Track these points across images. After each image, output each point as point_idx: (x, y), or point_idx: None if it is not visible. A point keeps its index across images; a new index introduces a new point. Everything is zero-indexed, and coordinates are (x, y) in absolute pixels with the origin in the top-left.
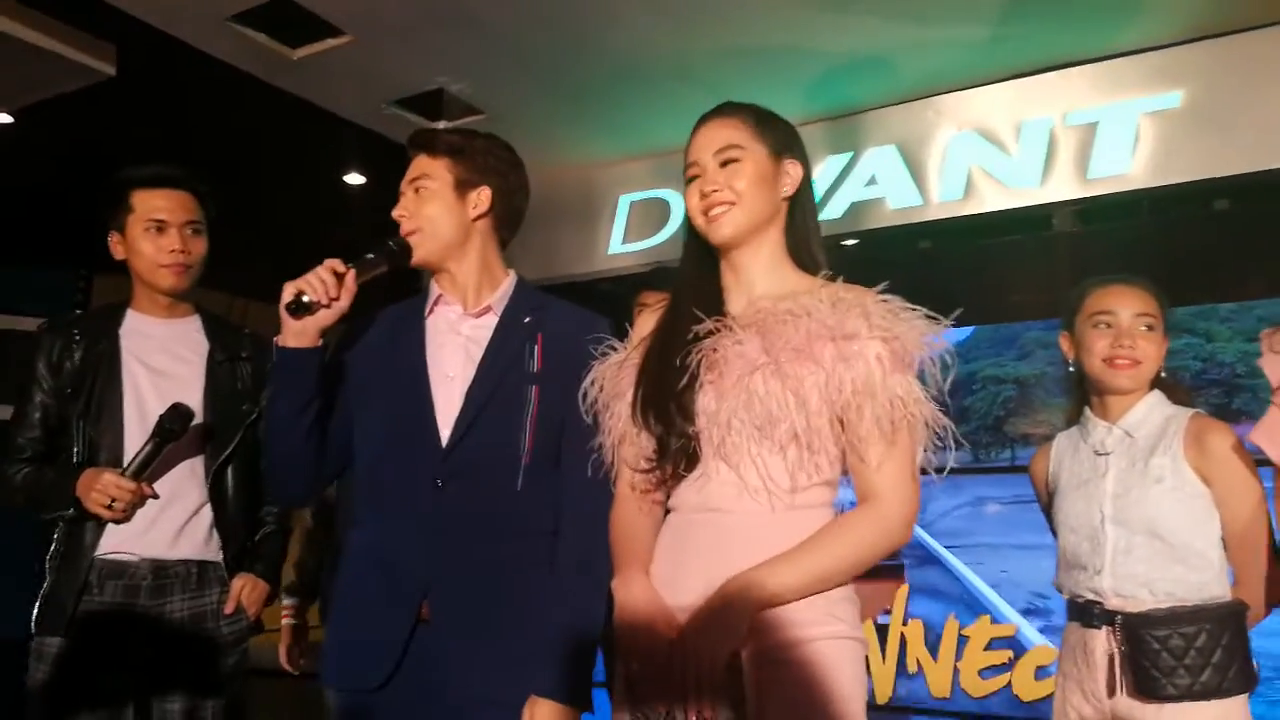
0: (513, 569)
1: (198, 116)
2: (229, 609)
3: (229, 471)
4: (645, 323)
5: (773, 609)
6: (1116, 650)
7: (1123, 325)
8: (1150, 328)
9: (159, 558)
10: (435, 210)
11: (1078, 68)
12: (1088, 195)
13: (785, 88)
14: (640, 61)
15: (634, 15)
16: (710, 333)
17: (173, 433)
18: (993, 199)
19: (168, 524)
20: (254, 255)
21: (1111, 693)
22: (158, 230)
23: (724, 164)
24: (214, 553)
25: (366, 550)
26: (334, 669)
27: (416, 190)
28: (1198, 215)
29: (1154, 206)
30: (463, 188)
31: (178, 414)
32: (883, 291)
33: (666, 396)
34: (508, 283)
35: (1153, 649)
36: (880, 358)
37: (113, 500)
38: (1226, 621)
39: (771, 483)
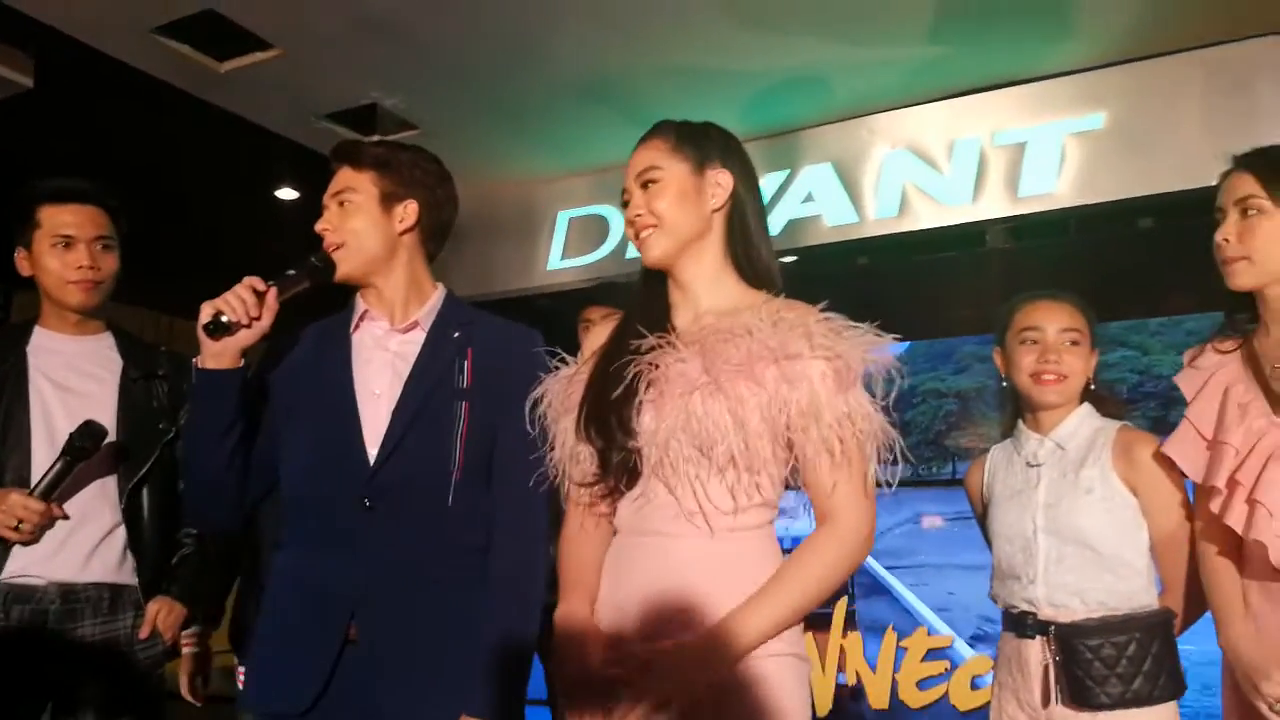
0: (444, 587)
1: (121, 130)
2: (144, 633)
3: (144, 492)
4: (596, 338)
5: None
6: (1051, 660)
7: (1048, 341)
8: (1075, 342)
9: (68, 581)
10: (360, 224)
11: (1006, 89)
12: (1018, 213)
13: (723, 105)
14: (579, 78)
15: (572, 32)
16: (653, 348)
17: (84, 450)
18: (927, 216)
19: (78, 546)
20: (182, 272)
21: (1046, 702)
22: (65, 246)
23: (644, 185)
24: (128, 576)
25: (292, 572)
26: (257, 692)
27: (341, 204)
28: (1124, 233)
29: (1081, 224)
30: (389, 201)
31: (89, 431)
32: (824, 309)
33: (607, 411)
34: (436, 297)
35: (1085, 658)
36: (825, 376)
37: (19, 522)
38: (1156, 630)
39: (709, 505)
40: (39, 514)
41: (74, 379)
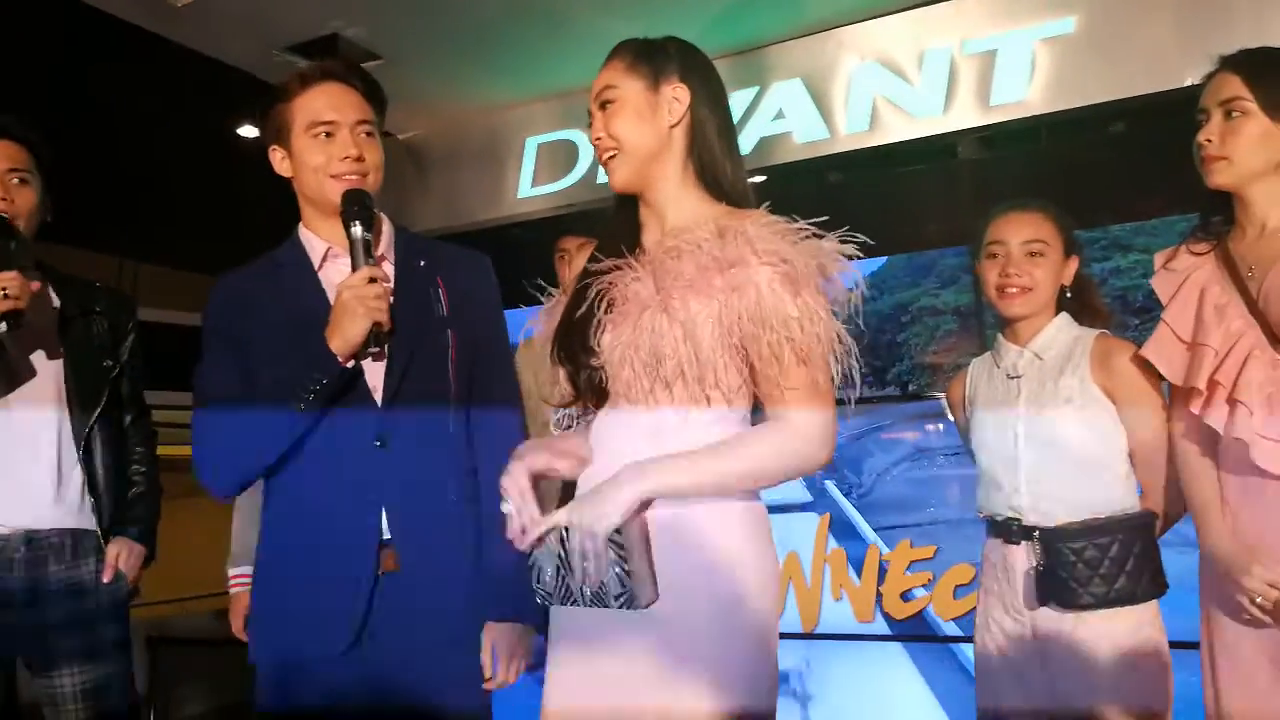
0: (458, 511)
1: (75, 69)
2: (107, 576)
3: (97, 433)
4: (577, 267)
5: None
6: (1036, 563)
7: (1011, 254)
8: (1038, 253)
9: (33, 528)
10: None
11: None
12: (990, 122)
13: (689, 23)
14: (539, 1)
15: None
16: (613, 269)
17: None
18: (898, 129)
19: (40, 491)
20: (144, 216)
21: (1031, 605)
22: None
23: (602, 106)
24: (87, 520)
25: (300, 516)
26: (284, 639)
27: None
28: (1096, 138)
29: (1053, 132)
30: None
31: None
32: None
33: (572, 333)
34: (388, 228)
35: (1069, 560)
36: (771, 282)
37: (4, 289)
38: (1138, 531)
39: (662, 420)
40: (14, 279)
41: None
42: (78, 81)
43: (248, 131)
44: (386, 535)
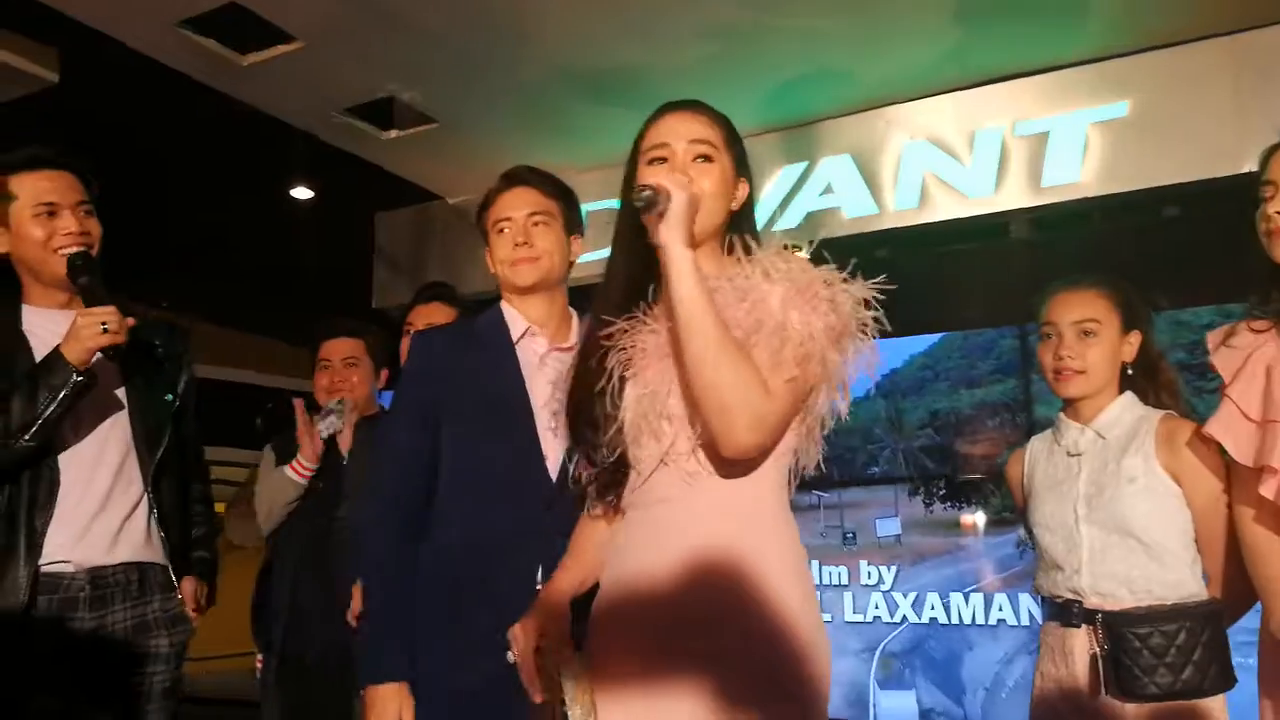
0: None
1: (144, 124)
2: (191, 612)
3: (164, 468)
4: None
5: None
6: (1098, 649)
7: (1063, 335)
8: (1090, 333)
9: (97, 564)
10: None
11: (1027, 78)
12: (1041, 203)
13: (740, 98)
14: (594, 72)
15: (587, 24)
16: (624, 331)
17: (82, 266)
18: (948, 207)
19: (105, 528)
20: (195, 269)
21: (1095, 692)
22: (49, 214)
23: (696, 158)
24: (154, 554)
25: (462, 564)
26: (443, 671)
27: (536, 224)
28: (1149, 222)
29: (1105, 214)
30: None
31: (76, 255)
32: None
33: (590, 403)
34: (575, 319)
35: (1134, 647)
36: (781, 298)
37: (104, 323)
38: (1206, 620)
39: (707, 456)
40: (113, 313)
41: None
42: (147, 136)
43: (301, 193)
44: None
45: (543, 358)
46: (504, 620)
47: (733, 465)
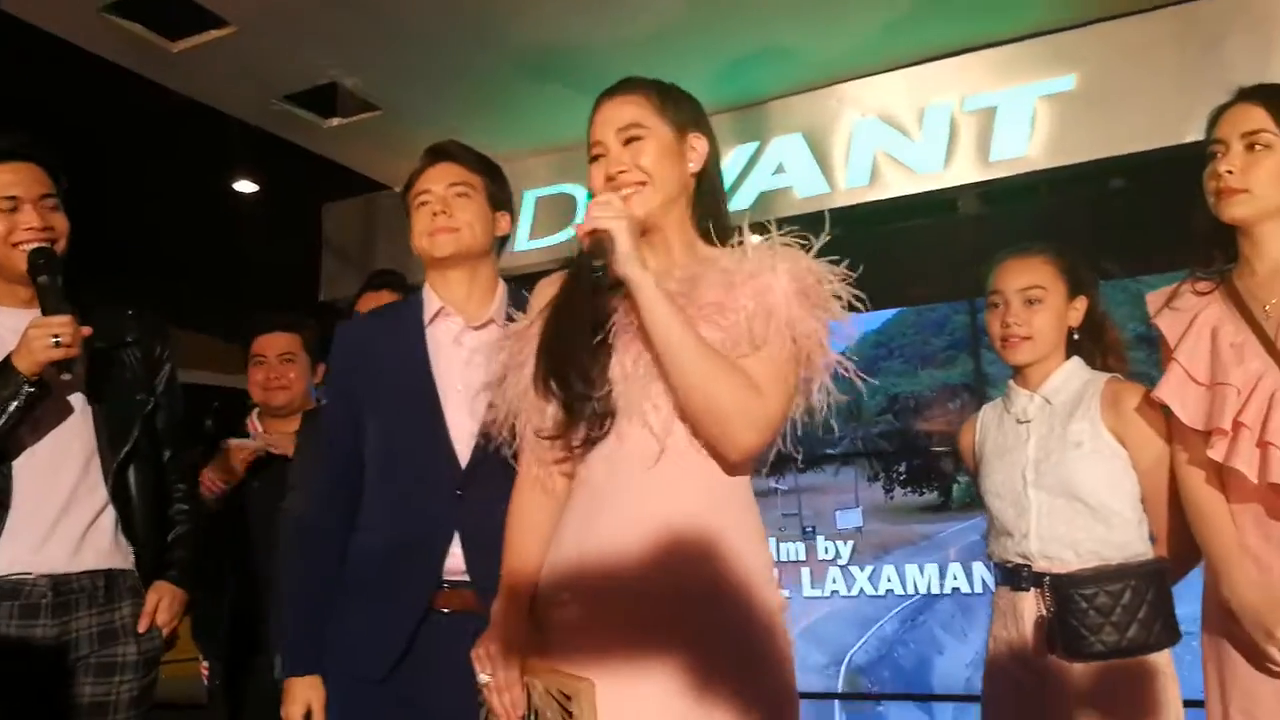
0: None
1: (71, 115)
2: (143, 626)
3: (130, 470)
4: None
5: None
6: (1046, 610)
7: (1009, 302)
8: (1037, 300)
9: (60, 572)
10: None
11: (975, 53)
12: (990, 178)
13: (689, 78)
14: (541, 55)
15: (533, 6)
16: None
17: (43, 263)
18: (898, 184)
19: (67, 534)
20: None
21: (1044, 653)
22: (12, 209)
23: (627, 142)
24: (122, 560)
25: (376, 552)
26: (337, 657)
27: (459, 195)
28: (1096, 194)
29: (1053, 187)
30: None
31: (38, 251)
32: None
33: (576, 361)
34: (500, 292)
35: (1080, 607)
36: (786, 291)
37: (56, 336)
38: (1151, 578)
39: (687, 438)
40: (67, 324)
41: None
42: (75, 127)
43: (244, 186)
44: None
45: (457, 338)
46: (402, 610)
47: (704, 449)
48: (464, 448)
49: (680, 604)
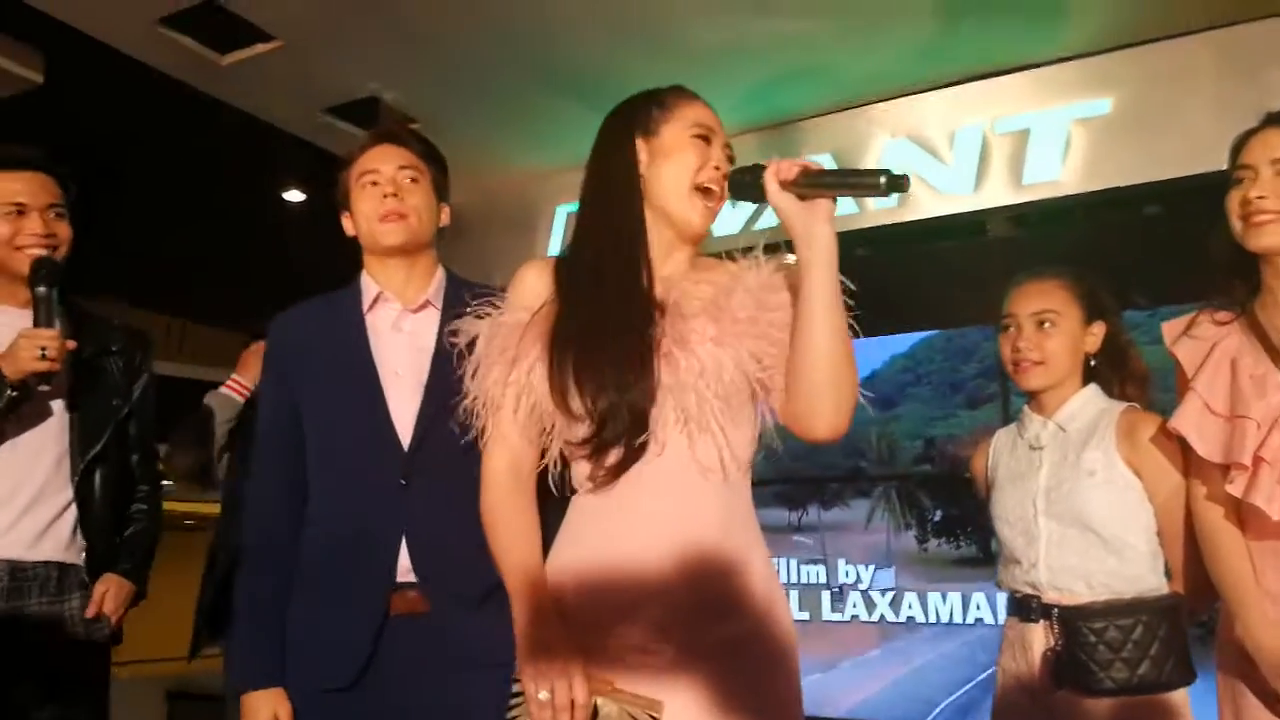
0: (474, 552)
1: (128, 125)
2: (90, 612)
3: (97, 471)
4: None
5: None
6: (1054, 643)
7: (1021, 327)
8: (1048, 323)
9: (17, 559)
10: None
11: (1009, 75)
12: (1021, 201)
13: (721, 97)
14: (576, 71)
15: (570, 25)
16: (657, 304)
17: (44, 276)
18: (928, 206)
19: (30, 524)
20: (189, 274)
21: (1053, 688)
22: (18, 214)
23: (725, 152)
24: (75, 555)
25: (326, 551)
26: (294, 670)
27: (412, 180)
28: (1130, 220)
29: (1086, 212)
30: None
31: (41, 261)
32: None
33: (615, 365)
34: (439, 275)
35: (1089, 641)
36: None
37: (43, 349)
38: (1164, 614)
39: (729, 455)
40: (54, 338)
41: None
42: (132, 137)
43: (293, 196)
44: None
45: (395, 323)
46: (360, 612)
47: (736, 468)
48: (407, 433)
49: (710, 617)
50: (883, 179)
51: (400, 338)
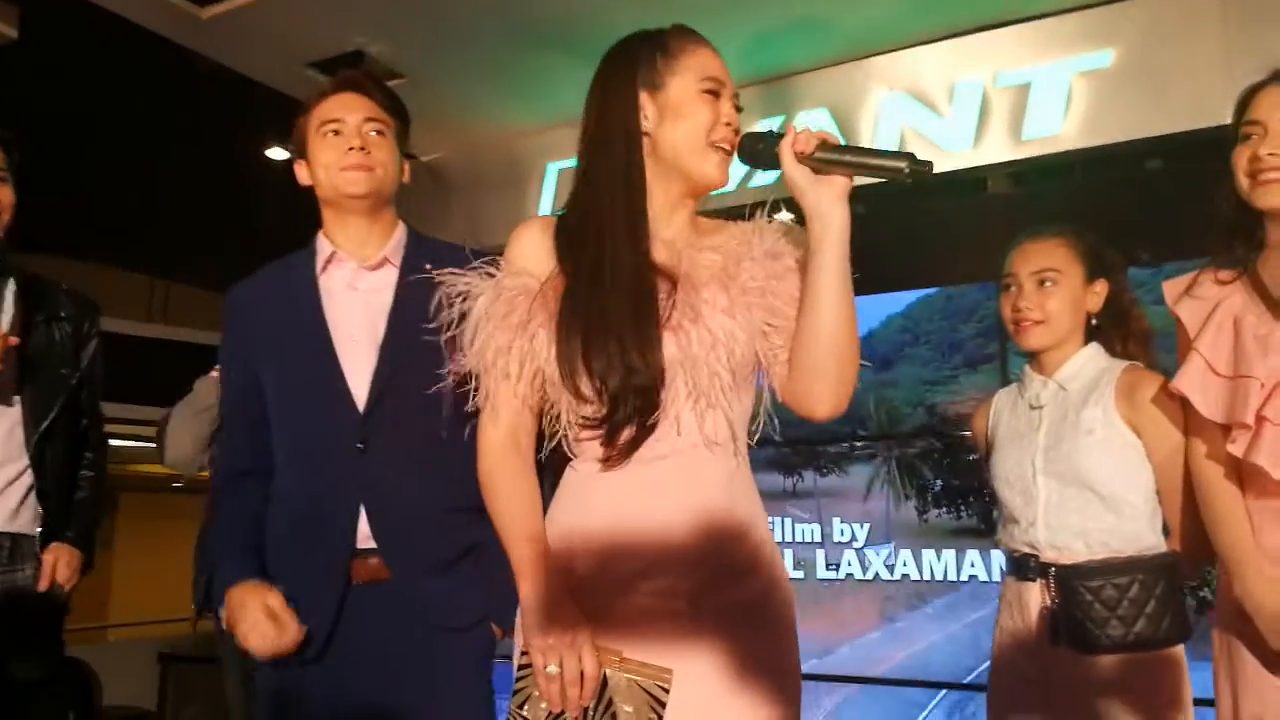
0: (442, 518)
1: (106, 81)
2: (43, 585)
3: (50, 441)
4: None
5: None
6: (1050, 602)
7: (1021, 286)
8: (1049, 282)
9: None
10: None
11: (1009, 27)
12: (1021, 156)
13: (717, 48)
14: (566, 24)
15: None
16: (668, 274)
17: None
18: None
19: None
20: (172, 234)
21: (1050, 646)
22: None
23: (734, 96)
24: (27, 525)
25: (288, 519)
26: None
27: (378, 133)
28: (1132, 175)
29: (1087, 167)
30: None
31: None
32: None
33: (619, 347)
34: (399, 232)
35: (1085, 600)
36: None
37: None
38: (1160, 572)
39: (736, 428)
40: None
41: None
42: (110, 93)
43: (276, 154)
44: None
45: (350, 283)
46: (321, 582)
47: (741, 439)
48: (362, 396)
49: (723, 581)
50: (907, 166)
51: (355, 297)
